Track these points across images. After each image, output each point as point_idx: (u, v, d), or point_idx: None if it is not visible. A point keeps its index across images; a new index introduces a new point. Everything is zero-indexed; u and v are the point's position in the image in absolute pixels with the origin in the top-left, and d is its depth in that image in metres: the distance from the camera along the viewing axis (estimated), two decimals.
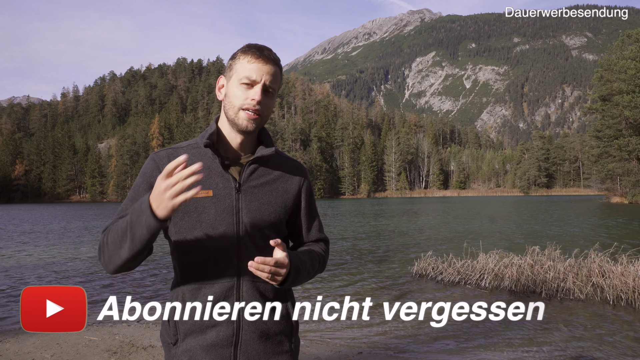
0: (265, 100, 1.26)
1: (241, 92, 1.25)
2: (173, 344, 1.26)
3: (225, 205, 1.25)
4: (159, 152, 1.32)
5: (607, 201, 46.81)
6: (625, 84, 41.64)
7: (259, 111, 1.25)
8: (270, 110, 1.29)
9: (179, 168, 1.03)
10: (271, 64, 1.26)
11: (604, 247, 7.73)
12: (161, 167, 1.26)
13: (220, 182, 1.27)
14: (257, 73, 1.24)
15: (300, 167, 1.42)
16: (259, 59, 1.24)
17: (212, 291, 1.23)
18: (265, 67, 1.24)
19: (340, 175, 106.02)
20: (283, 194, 1.34)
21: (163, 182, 1.04)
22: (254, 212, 1.27)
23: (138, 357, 3.87)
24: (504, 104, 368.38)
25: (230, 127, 1.30)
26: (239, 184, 1.28)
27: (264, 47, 1.28)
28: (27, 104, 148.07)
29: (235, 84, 1.26)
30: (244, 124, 1.25)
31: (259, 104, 1.24)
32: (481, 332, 4.78)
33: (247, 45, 1.28)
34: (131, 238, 1.10)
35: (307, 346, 4.27)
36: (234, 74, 1.27)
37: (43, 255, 11.67)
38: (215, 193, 1.25)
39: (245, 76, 1.24)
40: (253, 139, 1.35)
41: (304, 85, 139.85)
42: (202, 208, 1.24)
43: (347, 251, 11.67)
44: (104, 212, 40.78)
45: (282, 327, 1.31)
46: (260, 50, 1.26)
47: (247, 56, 1.25)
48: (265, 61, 1.25)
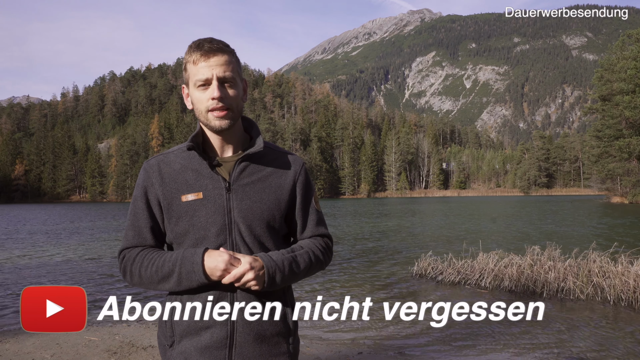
0: (227, 91, 1.24)
1: (201, 95, 1.24)
2: (169, 346, 1.26)
3: (216, 206, 1.25)
4: (150, 160, 1.33)
5: (608, 201, 46.77)
6: (625, 84, 41.60)
7: (224, 107, 1.23)
8: (237, 99, 1.26)
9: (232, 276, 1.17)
10: (216, 54, 1.22)
11: (604, 247, 7.73)
12: (152, 176, 1.29)
13: (209, 183, 1.26)
14: (206, 71, 1.21)
15: (295, 161, 1.39)
16: (202, 56, 1.22)
17: (210, 292, 1.23)
18: (211, 61, 1.22)
19: (340, 175, 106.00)
20: (276, 190, 1.32)
21: (223, 265, 1.16)
22: (245, 211, 1.26)
23: (138, 357, 3.86)
24: (504, 104, 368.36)
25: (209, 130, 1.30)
26: (228, 183, 1.26)
27: (204, 40, 1.25)
28: (27, 104, 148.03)
29: (194, 89, 1.25)
30: (216, 124, 1.24)
31: (221, 99, 1.22)
32: (481, 332, 4.77)
33: (188, 46, 1.26)
34: (177, 283, 1.20)
35: (307, 346, 4.27)
36: (190, 79, 1.26)
37: (43, 255, 11.66)
38: (205, 195, 1.25)
39: (197, 79, 1.23)
40: (238, 135, 1.33)
41: (304, 85, 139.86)
42: (192, 211, 1.24)
43: (347, 251, 11.67)
44: (105, 212, 40.77)
45: (279, 328, 1.29)
46: (201, 47, 1.23)
47: (191, 57, 1.24)
48: (208, 55, 1.22)
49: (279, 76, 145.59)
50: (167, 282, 1.21)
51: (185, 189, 1.26)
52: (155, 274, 1.21)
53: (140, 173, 1.32)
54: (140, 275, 1.23)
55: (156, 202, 1.29)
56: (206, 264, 1.17)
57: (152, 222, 1.30)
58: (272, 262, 1.21)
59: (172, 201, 1.26)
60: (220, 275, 1.16)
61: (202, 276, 1.17)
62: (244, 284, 1.18)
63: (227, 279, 1.17)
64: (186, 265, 1.18)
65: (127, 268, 1.26)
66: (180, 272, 1.18)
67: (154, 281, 1.22)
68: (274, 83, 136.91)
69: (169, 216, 1.27)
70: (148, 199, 1.29)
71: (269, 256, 1.23)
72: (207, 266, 1.16)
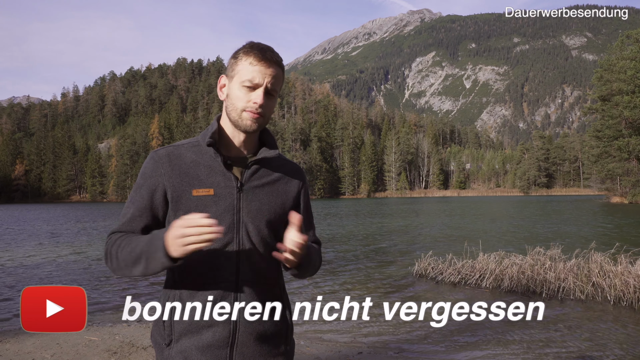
0: (267, 102, 1.26)
1: (243, 94, 1.25)
2: (167, 345, 1.25)
3: (227, 204, 1.25)
4: (159, 150, 1.31)
5: (607, 201, 46.77)
6: (624, 84, 41.63)
7: (261, 113, 1.25)
8: (271, 111, 1.30)
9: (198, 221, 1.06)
10: (274, 66, 1.25)
11: (605, 247, 7.73)
12: (161, 167, 1.27)
13: (222, 180, 1.27)
14: (260, 76, 1.23)
15: (299, 171, 1.43)
16: (261, 61, 1.23)
17: (211, 291, 1.24)
18: (267, 70, 1.24)
19: (340, 175, 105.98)
20: (283, 195, 1.35)
21: (180, 229, 1.06)
22: (254, 212, 1.28)
23: (138, 357, 3.86)
24: (504, 104, 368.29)
25: (233, 127, 1.30)
26: (240, 183, 1.28)
27: (267, 48, 1.27)
28: (27, 104, 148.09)
29: (237, 86, 1.25)
30: (247, 124, 1.26)
31: (261, 107, 1.24)
32: (481, 332, 4.77)
33: (249, 45, 1.27)
34: (145, 266, 1.15)
35: (307, 346, 4.27)
36: (236, 74, 1.26)
37: (43, 255, 11.65)
38: (217, 192, 1.26)
39: (248, 79, 1.23)
40: (255, 139, 1.36)
41: (304, 85, 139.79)
42: (203, 206, 1.24)
43: (347, 251, 11.67)
44: (104, 212, 40.75)
45: (279, 328, 1.32)
46: (263, 52, 1.24)
47: (249, 57, 1.24)
48: (267, 64, 1.24)
49: None
50: (139, 265, 1.16)
51: (197, 184, 1.26)
52: (129, 255, 1.18)
53: (146, 162, 1.31)
54: (117, 257, 1.20)
55: (162, 192, 1.27)
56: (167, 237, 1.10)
57: (151, 211, 1.28)
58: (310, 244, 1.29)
59: (182, 194, 1.25)
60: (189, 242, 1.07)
61: (163, 251, 1.10)
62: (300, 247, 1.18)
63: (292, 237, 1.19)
64: (151, 244, 1.14)
65: (108, 251, 1.23)
66: (147, 251, 1.14)
67: (128, 264, 1.18)
68: None
69: (176, 208, 1.26)
70: (153, 188, 1.27)
71: None
72: (167, 238, 1.10)
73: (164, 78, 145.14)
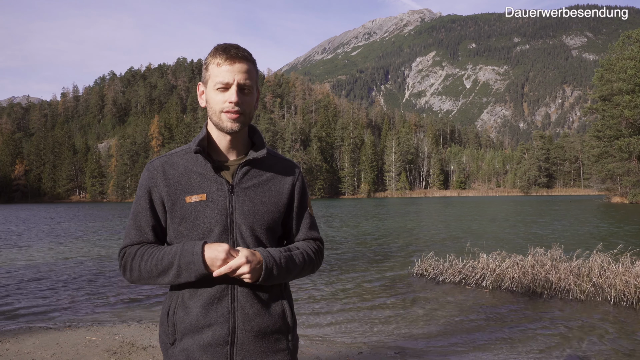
0: (243, 98, 1.29)
1: (218, 97, 1.28)
2: (171, 344, 1.30)
3: (219, 208, 1.29)
4: (153, 161, 1.37)
5: (608, 201, 46.76)
6: (625, 84, 41.61)
7: (238, 111, 1.28)
8: (251, 106, 1.32)
9: None
10: (241, 62, 1.27)
11: (605, 247, 7.72)
12: (156, 177, 1.32)
13: (213, 185, 1.30)
14: (228, 75, 1.26)
15: (292, 167, 1.45)
16: (227, 60, 1.26)
17: (209, 291, 1.27)
18: (234, 67, 1.26)
19: (340, 175, 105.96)
20: (276, 194, 1.37)
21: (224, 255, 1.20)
22: (247, 213, 1.31)
23: (138, 357, 3.85)
24: (504, 104, 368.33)
25: (217, 131, 1.34)
26: (232, 186, 1.31)
27: (231, 46, 1.29)
28: (27, 104, 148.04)
29: (212, 90, 1.29)
30: (228, 126, 1.29)
31: (237, 104, 1.27)
32: (481, 332, 4.76)
33: (214, 48, 1.30)
34: (176, 276, 1.23)
35: (307, 346, 4.26)
36: (209, 79, 1.30)
37: (43, 255, 11.66)
38: (209, 197, 1.29)
39: (219, 81, 1.26)
40: (243, 140, 1.38)
41: (304, 85, 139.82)
42: (197, 212, 1.29)
43: (347, 251, 11.66)
44: (105, 212, 40.76)
45: (279, 325, 1.33)
46: (227, 51, 1.27)
47: (216, 59, 1.28)
48: (233, 61, 1.26)
49: (279, 76, 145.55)
50: (167, 275, 1.24)
51: (190, 191, 1.30)
52: (155, 267, 1.24)
53: (143, 174, 1.36)
54: (139, 269, 1.26)
55: (160, 202, 1.32)
56: (206, 254, 1.20)
57: (154, 221, 1.33)
58: (271, 257, 1.26)
59: (176, 202, 1.30)
60: (220, 265, 1.20)
61: (202, 266, 1.20)
62: (239, 275, 1.22)
63: (223, 269, 1.20)
64: (186, 257, 1.21)
65: (127, 264, 1.28)
66: (180, 263, 1.22)
67: (153, 275, 1.25)
68: (274, 83, 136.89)
69: (172, 216, 1.31)
70: (151, 199, 1.32)
71: (267, 251, 1.28)
72: (207, 256, 1.20)
73: (164, 78, 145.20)
